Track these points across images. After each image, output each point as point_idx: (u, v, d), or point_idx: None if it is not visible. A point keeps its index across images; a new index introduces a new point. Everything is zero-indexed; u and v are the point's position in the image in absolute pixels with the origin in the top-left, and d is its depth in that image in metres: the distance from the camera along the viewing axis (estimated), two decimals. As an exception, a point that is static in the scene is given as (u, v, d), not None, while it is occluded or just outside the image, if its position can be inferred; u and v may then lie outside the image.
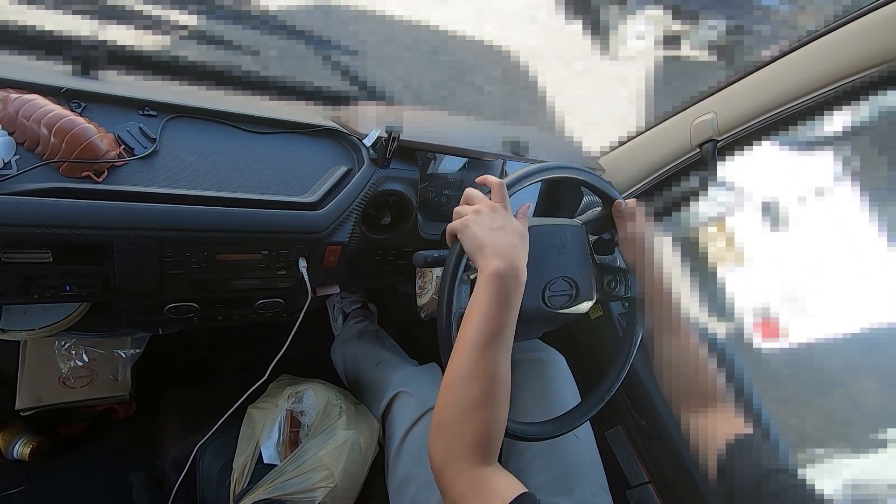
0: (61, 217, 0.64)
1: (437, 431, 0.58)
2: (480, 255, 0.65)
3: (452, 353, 0.61)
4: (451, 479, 0.54)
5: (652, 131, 1.09)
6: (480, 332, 0.60)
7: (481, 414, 0.56)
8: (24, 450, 1.12)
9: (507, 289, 0.62)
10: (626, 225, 0.81)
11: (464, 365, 0.59)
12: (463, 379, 0.58)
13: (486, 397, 0.57)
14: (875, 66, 0.73)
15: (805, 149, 1.67)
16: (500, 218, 0.68)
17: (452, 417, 0.57)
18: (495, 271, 0.62)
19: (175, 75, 0.90)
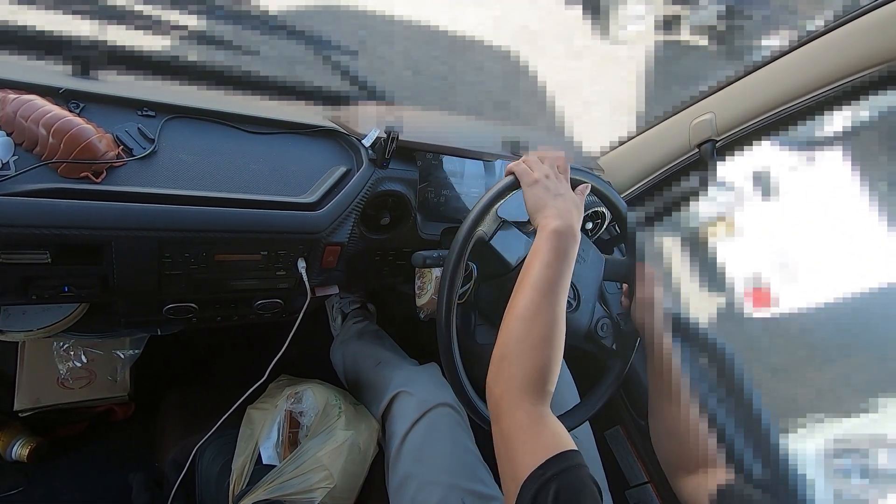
0: (60, 218, 0.64)
1: (498, 365, 0.61)
2: (542, 215, 0.71)
3: (513, 295, 0.66)
4: (508, 409, 0.57)
5: (651, 131, 1.09)
6: (541, 277, 0.65)
7: (541, 351, 0.61)
8: (23, 451, 1.12)
9: (565, 244, 0.68)
10: (644, 287, 0.84)
11: (526, 305, 0.63)
12: (525, 318, 0.62)
13: (545, 336, 0.62)
14: (874, 66, 0.73)
15: (804, 148, 1.67)
16: (563, 187, 0.76)
17: (514, 352, 0.61)
18: (556, 228, 0.68)
19: (174, 75, 0.90)
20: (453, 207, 1.04)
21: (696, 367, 1.06)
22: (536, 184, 0.74)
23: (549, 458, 0.52)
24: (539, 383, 0.59)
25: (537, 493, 0.49)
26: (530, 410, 0.57)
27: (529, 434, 0.55)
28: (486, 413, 0.78)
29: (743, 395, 1.01)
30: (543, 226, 0.70)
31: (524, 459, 0.53)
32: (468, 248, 0.74)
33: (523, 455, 0.54)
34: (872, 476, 1.22)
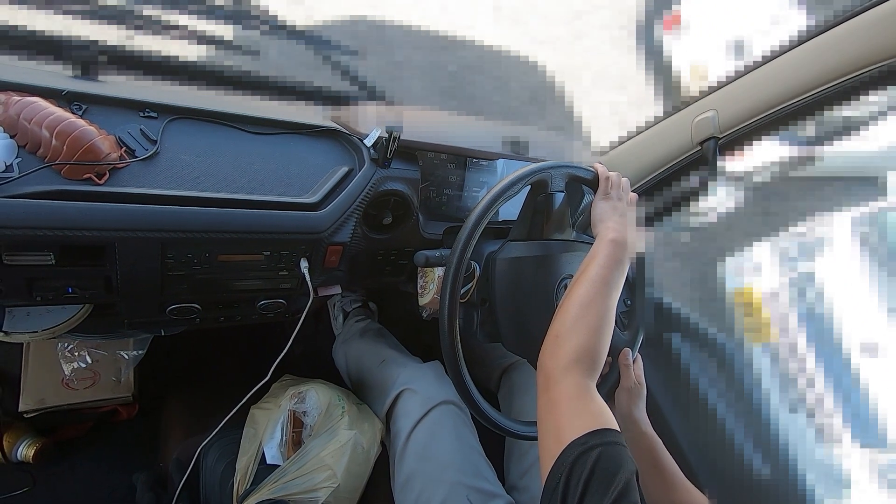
0: (63, 219, 0.64)
1: (553, 342, 0.65)
2: (604, 225, 0.79)
3: (571, 287, 0.71)
4: (559, 379, 0.61)
5: (653, 129, 1.09)
6: (598, 275, 0.71)
7: (593, 332, 0.65)
8: (28, 451, 1.13)
9: (621, 253, 0.75)
10: (630, 374, 0.88)
11: (582, 295, 0.68)
12: (581, 305, 0.68)
13: (598, 323, 0.66)
14: (877, 63, 0.73)
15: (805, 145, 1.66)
16: (630, 212, 0.85)
17: (569, 331, 0.65)
18: (612, 238, 0.76)
19: (175, 76, 0.90)
20: (455, 207, 1.04)
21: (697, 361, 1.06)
22: (608, 198, 0.84)
23: (596, 429, 0.53)
24: (589, 360, 0.63)
25: (578, 457, 0.50)
26: (580, 382, 0.60)
27: (578, 403, 0.58)
28: (488, 411, 0.78)
29: (743, 388, 1.01)
30: (603, 235, 0.77)
31: (570, 425, 0.54)
32: (470, 247, 0.75)
33: (569, 421, 0.55)
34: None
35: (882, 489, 1.46)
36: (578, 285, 0.70)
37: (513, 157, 1.03)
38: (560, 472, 0.50)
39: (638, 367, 0.91)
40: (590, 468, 0.49)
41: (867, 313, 1.78)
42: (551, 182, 0.82)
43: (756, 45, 2.92)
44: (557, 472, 0.50)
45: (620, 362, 0.90)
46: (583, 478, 0.48)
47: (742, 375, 1.03)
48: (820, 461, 1.64)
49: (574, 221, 0.93)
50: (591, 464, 0.49)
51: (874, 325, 1.69)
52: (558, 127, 2.99)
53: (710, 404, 1.03)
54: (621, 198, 0.85)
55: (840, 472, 1.48)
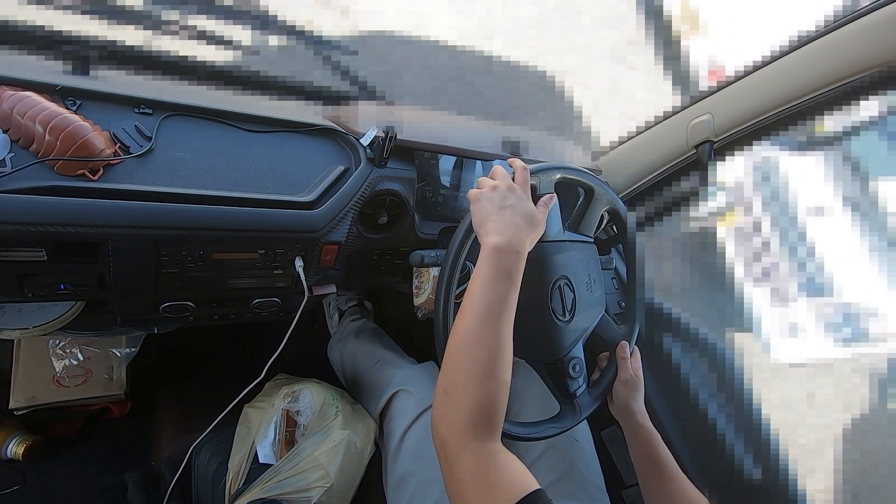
0: (56, 215, 0.63)
1: (442, 400, 0.57)
2: (483, 230, 0.67)
3: (455, 322, 0.62)
4: (456, 452, 0.53)
5: (649, 132, 1.10)
6: (482, 301, 0.61)
7: (483, 383, 0.56)
8: (19, 449, 1.12)
9: (506, 262, 0.64)
10: (627, 367, 0.87)
11: (466, 333, 0.59)
12: (465, 347, 0.58)
13: (488, 366, 0.57)
14: (872, 68, 0.74)
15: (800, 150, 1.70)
16: (513, 198, 0.69)
17: (455, 386, 0.57)
18: (494, 245, 0.64)
19: (171, 73, 0.89)
20: (451, 207, 1.04)
21: (697, 371, 1.07)
22: (479, 199, 0.70)
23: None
24: (486, 416, 0.55)
25: None
26: (479, 450, 0.53)
27: (481, 478, 0.51)
28: None
29: (743, 399, 1.01)
30: (484, 243, 0.66)
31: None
32: (466, 247, 0.75)
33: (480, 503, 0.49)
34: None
35: (819, 328, 1.96)
36: (460, 319, 0.61)
37: (511, 157, 1.03)
38: None
39: (635, 359, 0.90)
40: None
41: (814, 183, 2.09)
42: (539, 185, 0.81)
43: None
44: None
45: (618, 355, 0.89)
46: None
47: (733, 376, 1.03)
48: (777, 318, 1.95)
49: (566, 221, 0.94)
50: None
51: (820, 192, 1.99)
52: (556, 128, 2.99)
53: (702, 406, 1.04)
54: (496, 186, 0.70)
55: (793, 324, 1.88)
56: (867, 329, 2.26)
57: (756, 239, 2.33)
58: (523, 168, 0.74)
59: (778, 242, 2.29)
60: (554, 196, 0.80)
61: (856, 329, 2.26)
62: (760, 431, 0.97)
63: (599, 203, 0.91)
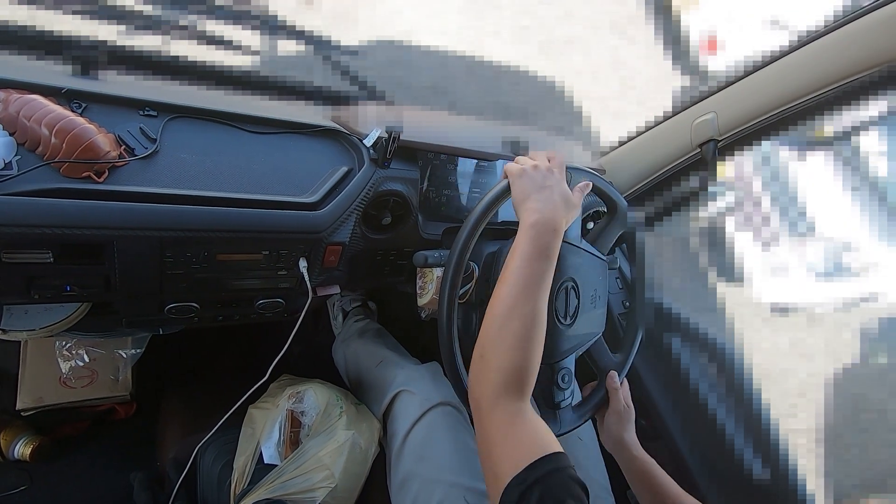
0: (62, 217, 0.64)
1: (478, 364, 0.61)
2: (523, 207, 0.70)
3: (494, 293, 0.65)
4: (487, 410, 0.57)
5: (652, 131, 1.09)
6: (520, 275, 0.64)
7: (517, 348, 0.60)
8: (26, 450, 1.12)
9: (544, 239, 0.66)
10: (619, 398, 0.86)
11: (504, 304, 0.63)
12: (502, 317, 0.62)
13: (523, 334, 0.61)
14: (875, 67, 0.73)
15: (805, 148, 1.70)
16: (552, 179, 0.72)
17: (493, 349, 0.60)
18: (533, 222, 0.67)
19: (175, 75, 0.90)
20: (455, 207, 1.04)
21: (696, 365, 1.06)
22: (521, 176, 0.72)
23: (532, 462, 0.50)
24: (518, 380, 0.58)
25: (520, 498, 0.48)
26: (508, 408, 0.56)
27: (509, 434, 0.54)
28: None
29: (742, 392, 1.01)
30: (523, 219, 0.69)
31: (505, 463, 0.51)
32: (469, 247, 0.75)
33: (503, 458, 0.52)
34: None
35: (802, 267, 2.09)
36: (499, 290, 0.64)
37: (513, 157, 1.03)
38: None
39: (625, 390, 0.89)
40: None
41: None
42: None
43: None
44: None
45: (608, 385, 0.88)
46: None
47: (741, 379, 1.03)
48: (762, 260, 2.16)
49: None
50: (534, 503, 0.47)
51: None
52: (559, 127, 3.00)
53: (710, 408, 1.03)
54: (538, 166, 0.73)
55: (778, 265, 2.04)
56: (849, 264, 2.40)
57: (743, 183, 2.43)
58: (562, 158, 0.77)
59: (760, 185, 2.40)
60: (590, 184, 0.81)
61: (837, 265, 2.35)
62: (768, 433, 0.96)
63: (619, 223, 0.90)
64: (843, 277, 2.42)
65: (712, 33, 3.48)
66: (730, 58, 3.24)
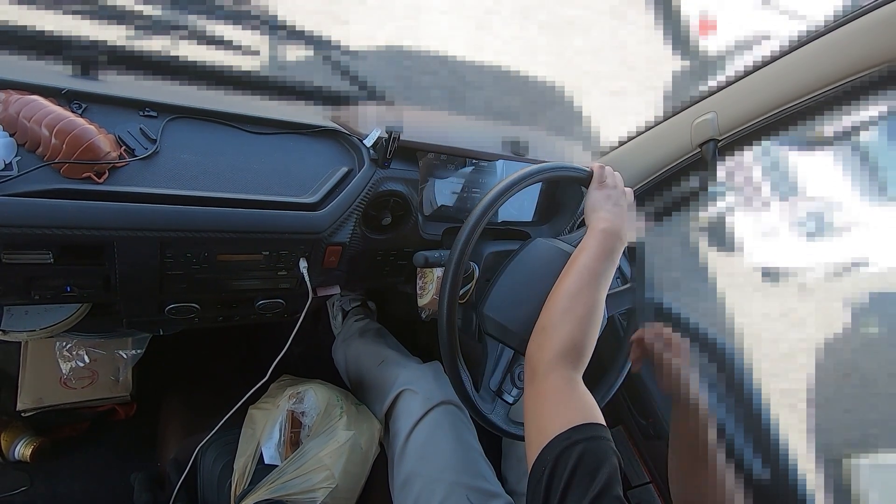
0: (62, 218, 0.64)
1: (540, 334, 0.66)
2: (596, 216, 0.77)
3: (561, 277, 0.71)
4: (545, 371, 0.61)
5: (652, 131, 1.09)
6: (587, 266, 0.70)
7: (580, 324, 0.65)
8: (26, 450, 1.12)
9: (611, 244, 0.73)
10: (671, 358, 0.78)
11: (570, 290, 0.68)
12: (569, 296, 0.67)
13: (586, 314, 0.66)
14: (876, 66, 0.73)
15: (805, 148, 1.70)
16: (624, 201, 0.82)
17: (557, 323, 0.65)
18: (606, 228, 0.74)
19: (175, 76, 0.90)
20: (455, 207, 1.04)
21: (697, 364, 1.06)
22: (603, 187, 0.81)
23: (579, 424, 0.53)
24: (576, 352, 0.62)
25: (562, 452, 0.50)
26: (565, 374, 0.60)
27: (562, 396, 0.58)
28: (486, 412, 0.78)
29: (743, 392, 1.01)
30: (594, 225, 0.75)
31: (554, 419, 0.54)
32: (469, 247, 0.75)
33: (554, 414, 0.55)
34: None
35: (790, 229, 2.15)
36: (567, 276, 0.70)
37: (512, 158, 1.03)
38: (544, 466, 0.51)
39: (676, 347, 0.80)
40: (573, 464, 0.49)
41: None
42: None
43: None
44: (541, 465, 0.51)
45: (637, 345, 0.83)
46: (566, 473, 0.49)
47: (742, 379, 1.02)
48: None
49: (574, 223, 0.93)
50: (574, 459, 0.49)
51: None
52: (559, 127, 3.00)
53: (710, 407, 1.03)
54: (616, 185, 0.83)
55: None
56: (831, 222, 2.46)
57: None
58: (631, 191, 0.86)
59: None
60: (643, 219, 0.90)
61: (819, 223, 2.43)
62: (769, 433, 0.96)
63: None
64: (829, 236, 2.47)
65: (707, 15, 3.63)
66: (724, 39, 3.40)
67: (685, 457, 0.74)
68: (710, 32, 3.56)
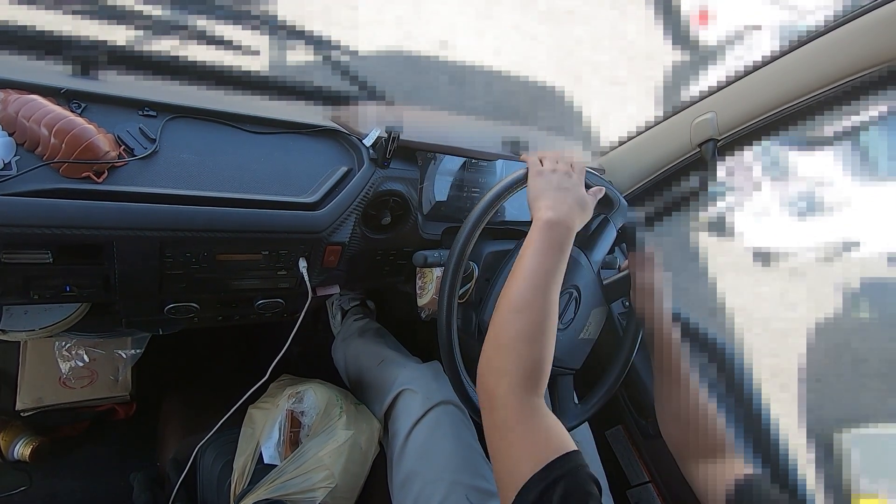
0: (61, 217, 0.64)
1: (491, 356, 0.61)
2: (537, 205, 0.71)
3: (506, 286, 0.65)
4: (503, 401, 0.56)
5: (652, 131, 1.09)
6: (533, 270, 0.64)
7: (532, 343, 0.60)
8: (25, 450, 1.12)
9: (557, 235, 0.68)
10: (644, 274, 0.81)
11: (517, 298, 0.63)
12: (516, 310, 0.62)
13: (537, 328, 0.61)
14: (875, 66, 0.73)
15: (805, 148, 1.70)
16: (570, 182, 0.74)
17: (507, 342, 0.60)
18: (547, 219, 0.68)
19: (175, 75, 0.90)
20: (454, 207, 1.04)
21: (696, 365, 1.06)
22: (541, 175, 0.74)
23: (551, 461, 0.50)
24: (534, 375, 0.58)
25: (542, 494, 0.48)
26: (526, 403, 0.56)
27: (527, 430, 0.54)
28: None
29: (743, 393, 1.01)
30: (538, 217, 0.70)
31: (524, 458, 0.51)
32: (469, 247, 0.75)
33: (523, 453, 0.52)
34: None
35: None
36: (513, 283, 0.64)
37: (512, 158, 1.03)
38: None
39: (648, 262, 0.81)
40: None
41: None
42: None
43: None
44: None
45: (632, 263, 0.83)
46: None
47: (742, 379, 1.02)
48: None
49: None
50: (557, 501, 0.47)
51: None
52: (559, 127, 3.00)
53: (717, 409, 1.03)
54: (555, 169, 0.75)
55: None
56: (822, 201, 2.48)
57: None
58: (583, 164, 0.79)
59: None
60: (603, 189, 0.81)
61: (810, 203, 2.45)
62: (769, 432, 0.96)
63: (618, 222, 0.89)
64: (818, 214, 2.49)
65: (704, 6, 3.71)
66: (721, 29, 3.46)
67: (661, 375, 0.76)
68: (708, 23, 3.62)
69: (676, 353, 0.75)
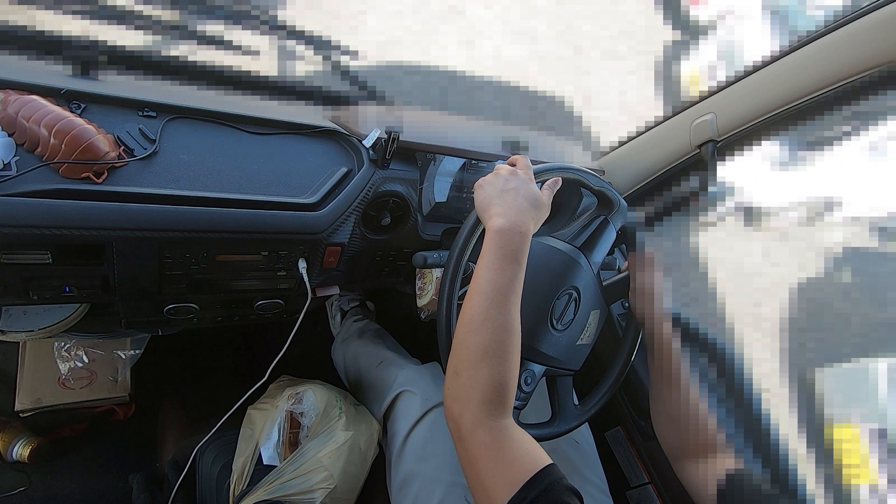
0: (61, 218, 0.64)
1: (453, 381, 0.59)
2: (486, 214, 0.68)
3: (463, 305, 0.63)
4: (469, 429, 0.54)
5: (651, 132, 1.09)
6: (489, 284, 0.61)
7: (493, 362, 0.57)
8: (24, 451, 1.12)
9: (511, 244, 0.64)
10: (643, 275, 0.80)
11: (475, 316, 0.60)
12: (474, 329, 0.59)
13: (497, 346, 0.58)
14: (875, 67, 0.73)
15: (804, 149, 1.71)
16: (515, 180, 0.70)
17: (466, 366, 0.58)
18: (497, 228, 0.65)
19: (175, 76, 0.90)
20: (454, 208, 1.04)
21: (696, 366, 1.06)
22: (482, 186, 0.72)
23: (527, 481, 0.49)
24: (499, 396, 0.56)
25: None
26: (494, 427, 0.54)
27: (498, 454, 0.52)
28: None
29: (743, 394, 1.01)
30: (488, 227, 0.67)
31: (500, 483, 0.50)
32: (469, 248, 0.75)
33: (496, 480, 0.51)
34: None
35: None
36: (470, 301, 0.62)
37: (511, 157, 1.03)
38: None
39: (648, 263, 0.81)
40: None
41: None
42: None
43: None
44: None
45: (630, 263, 0.83)
46: None
47: (742, 381, 1.02)
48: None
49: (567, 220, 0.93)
50: None
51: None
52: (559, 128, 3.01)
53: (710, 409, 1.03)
54: (498, 173, 0.72)
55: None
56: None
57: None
58: (526, 158, 0.75)
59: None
60: (559, 180, 0.78)
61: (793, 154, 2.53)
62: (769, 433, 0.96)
63: (617, 223, 0.89)
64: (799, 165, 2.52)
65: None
66: (714, 9, 3.56)
67: (657, 374, 0.76)
68: (699, 3, 3.69)
69: (675, 356, 0.75)
